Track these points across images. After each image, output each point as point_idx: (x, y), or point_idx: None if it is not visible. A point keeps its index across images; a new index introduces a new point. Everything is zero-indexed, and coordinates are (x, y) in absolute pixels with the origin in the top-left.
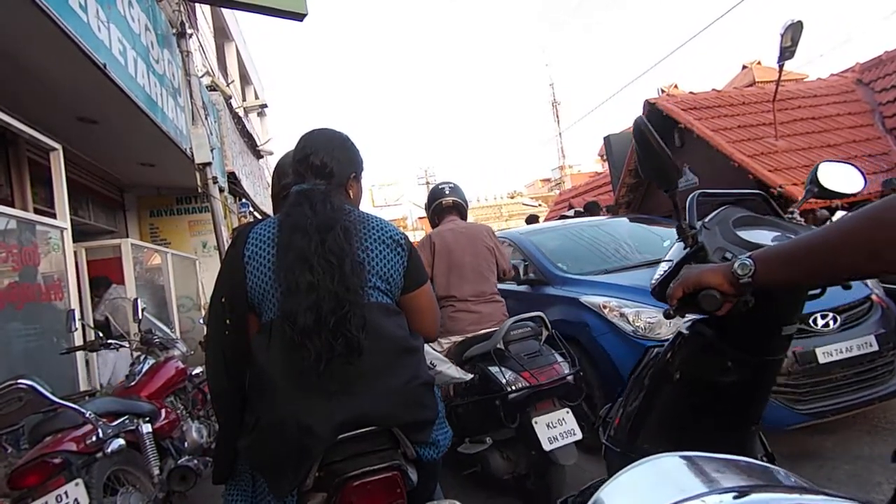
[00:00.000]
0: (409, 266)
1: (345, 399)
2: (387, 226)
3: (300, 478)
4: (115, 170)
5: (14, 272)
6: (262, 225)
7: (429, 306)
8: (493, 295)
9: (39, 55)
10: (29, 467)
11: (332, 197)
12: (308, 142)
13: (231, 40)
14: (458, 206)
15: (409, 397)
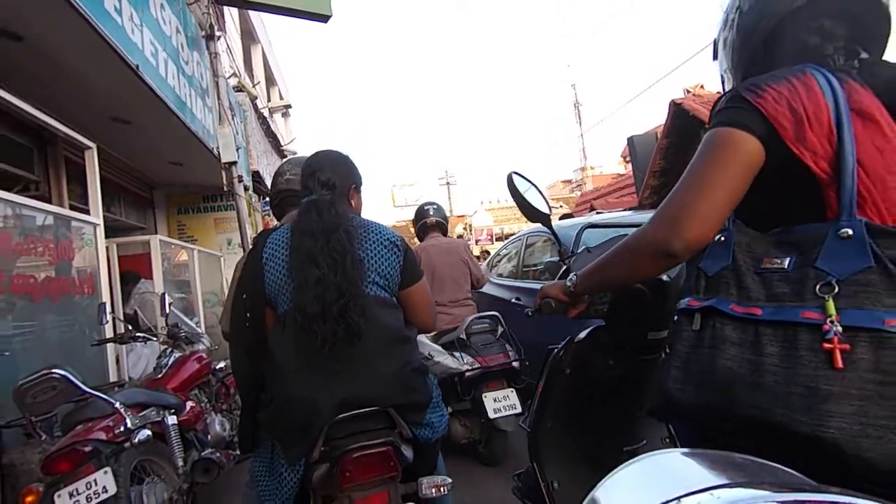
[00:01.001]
0: (404, 264)
1: (345, 379)
2: (384, 229)
3: (307, 447)
4: (145, 168)
5: (50, 266)
6: (278, 231)
7: (424, 300)
8: (465, 300)
9: (76, 57)
10: (61, 454)
11: (336, 205)
12: (314, 161)
13: (257, 43)
14: (439, 224)
15: (401, 381)
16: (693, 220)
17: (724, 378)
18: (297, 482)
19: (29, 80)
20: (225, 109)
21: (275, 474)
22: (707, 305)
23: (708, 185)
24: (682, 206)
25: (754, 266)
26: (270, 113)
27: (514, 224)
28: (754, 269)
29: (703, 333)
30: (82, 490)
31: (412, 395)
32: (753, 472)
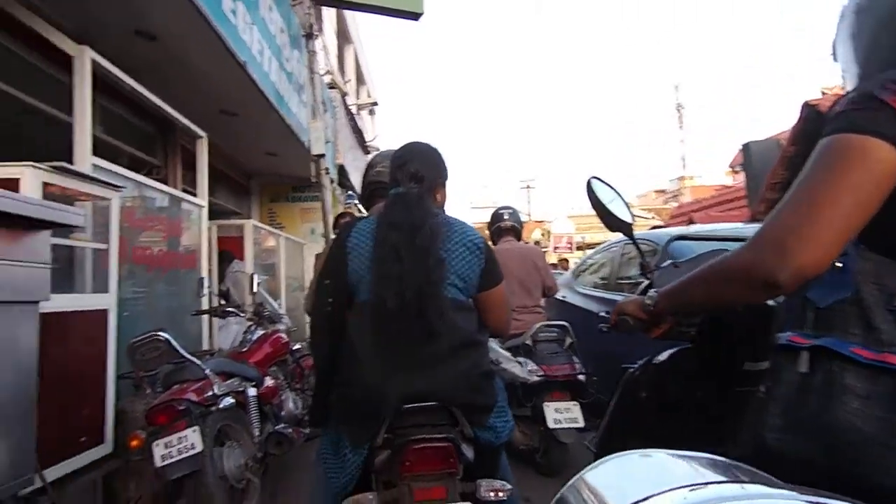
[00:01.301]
0: (485, 267)
1: (414, 374)
2: (468, 230)
3: (371, 434)
4: (245, 158)
5: (163, 241)
6: (364, 221)
7: (501, 304)
8: (535, 307)
9: (196, 54)
10: (160, 408)
11: (424, 201)
12: (405, 152)
13: (350, 43)
14: (514, 228)
15: (467, 382)
16: (805, 244)
17: (843, 435)
18: (360, 464)
19: (157, 76)
20: (318, 104)
21: (340, 454)
22: (818, 345)
23: (825, 201)
24: (791, 227)
25: (885, 302)
26: (358, 110)
27: (597, 233)
28: (885, 304)
29: (813, 378)
30: (175, 443)
31: (478, 397)
32: (732, 473)
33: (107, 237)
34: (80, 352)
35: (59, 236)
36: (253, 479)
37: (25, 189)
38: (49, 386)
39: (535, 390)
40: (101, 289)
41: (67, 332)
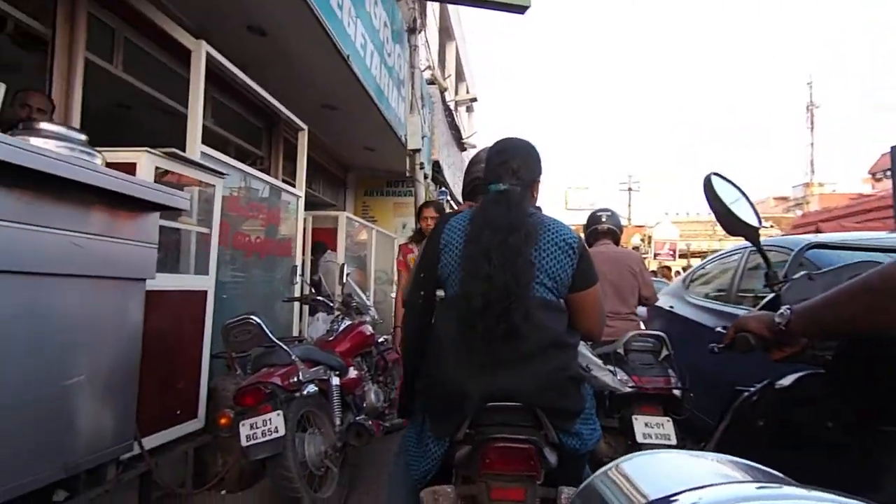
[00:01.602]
0: (578, 268)
1: (497, 374)
2: (561, 229)
3: (453, 427)
4: (343, 152)
5: (262, 228)
6: (457, 217)
7: (594, 306)
8: (628, 314)
9: (302, 48)
10: (248, 390)
11: (524, 201)
12: (506, 147)
13: (453, 39)
14: (611, 232)
15: (553, 385)
16: None
17: None
18: (440, 456)
19: (264, 70)
20: (416, 99)
21: (422, 444)
22: None
23: None
24: None
25: None
26: (456, 106)
27: (703, 241)
28: None
29: None
30: (259, 425)
31: (563, 401)
32: (751, 474)
33: (210, 222)
34: (179, 329)
35: (167, 219)
36: (332, 467)
37: (140, 173)
38: (150, 360)
39: (625, 401)
40: (202, 271)
41: (169, 310)
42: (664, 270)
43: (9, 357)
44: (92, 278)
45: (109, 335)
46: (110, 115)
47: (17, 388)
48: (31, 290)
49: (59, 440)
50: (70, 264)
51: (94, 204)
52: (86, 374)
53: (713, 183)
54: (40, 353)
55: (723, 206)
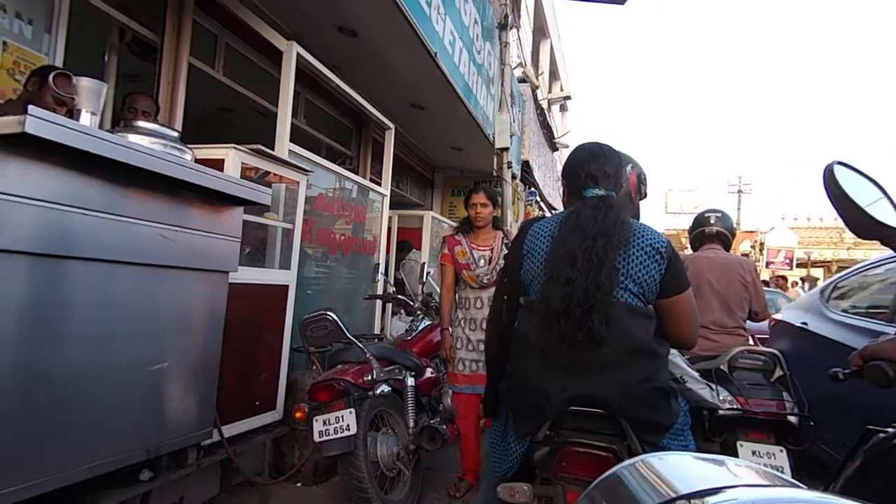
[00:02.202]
0: (666, 273)
1: (579, 378)
2: (650, 233)
3: (534, 428)
4: (430, 152)
5: (347, 226)
6: (542, 222)
7: (686, 313)
8: (735, 328)
9: (391, 47)
10: (321, 386)
11: (622, 211)
12: (601, 151)
13: (547, 38)
14: (721, 235)
15: (638, 395)
16: None
17: None
18: (521, 455)
19: (354, 71)
20: (506, 97)
21: (505, 443)
22: None
23: None
24: None
25: None
26: (549, 105)
27: (826, 249)
28: None
29: None
30: (332, 422)
31: (650, 413)
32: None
33: (293, 218)
34: (260, 322)
35: (251, 213)
36: (404, 469)
37: (228, 169)
38: (231, 351)
39: (729, 424)
40: (285, 266)
41: (251, 303)
42: (779, 281)
43: (102, 341)
44: (178, 269)
45: (193, 325)
46: (214, 118)
47: (107, 371)
48: (121, 279)
49: (143, 423)
50: (158, 255)
51: (182, 198)
52: (170, 361)
53: (836, 174)
54: (129, 340)
55: (849, 202)
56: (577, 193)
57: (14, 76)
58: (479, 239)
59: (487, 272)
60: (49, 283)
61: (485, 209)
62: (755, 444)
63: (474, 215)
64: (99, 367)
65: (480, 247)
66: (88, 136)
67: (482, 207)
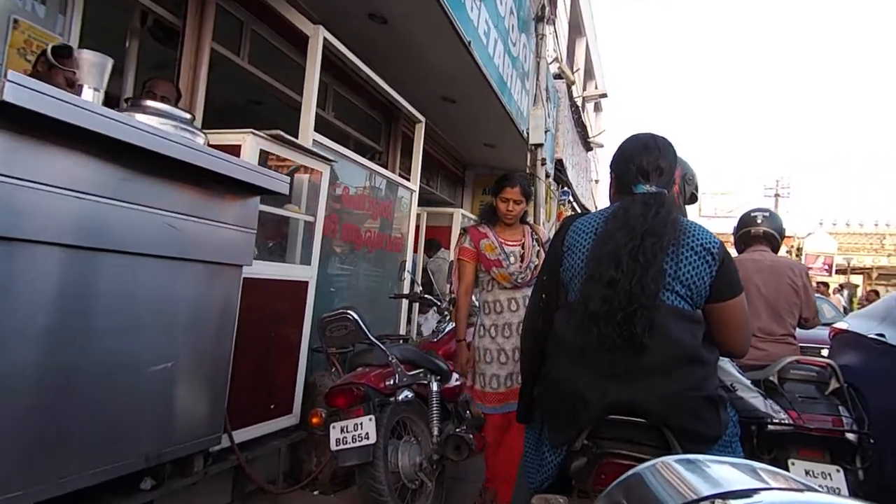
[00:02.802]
0: (717, 276)
1: (620, 385)
2: (702, 233)
3: (571, 436)
4: (462, 149)
5: (373, 221)
6: (585, 218)
7: (738, 320)
8: (785, 336)
9: (423, 35)
10: (339, 390)
11: (673, 211)
12: (656, 144)
13: (583, 36)
14: (769, 236)
15: (684, 404)
16: None
17: None
18: (557, 465)
19: (384, 61)
20: (541, 91)
21: (539, 452)
22: None
23: None
24: None
25: None
26: (584, 103)
27: (865, 256)
28: None
29: None
30: (350, 429)
31: (696, 424)
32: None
33: (315, 210)
34: (277, 320)
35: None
36: (427, 481)
37: (245, 155)
38: (245, 350)
39: (780, 440)
40: (306, 261)
41: (268, 299)
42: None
43: (97, 338)
44: (186, 261)
45: (202, 322)
46: (242, 110)
47: (102, 371)
48: (120, 270)
49: (143, 427)
50: (163, 246)
51: (192, 184)
52: (176, 361)
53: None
54: (129, 337)
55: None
56: (626, 188)
57: (26, 56)
58: (507, 233)
59: (521, 270)
60: (36, 274)
61: (517, 206)
62: (808, 463)
63: (505, 211)
64: (93, 366)
65: (509, 241)
66: (81, 110)
67: (515, 204)
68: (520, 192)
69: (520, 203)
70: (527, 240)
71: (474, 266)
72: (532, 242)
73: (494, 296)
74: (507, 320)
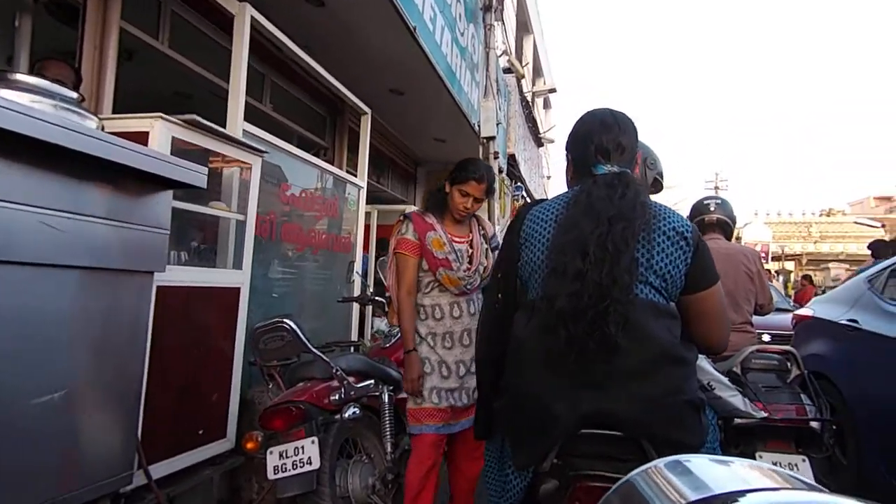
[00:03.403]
0: (693, 263)
1: (593, 392)
2: (673, 217)
3: (537, 455)
4: (413, 144)
5: (316, 220)
6: (543, 205)
7: (716, 311)
8: (743, 324)
9: (364, 20)
10: (276, 410)
11: (641, 192)
12: (614, 120)
13: (530, 33)
14: (722, 224)
15: (665, 411)
16: None
17: None
18: (522, 489)
19: (325, 49)
20: (492, 83)
21: (502, 473)
22: None
23: None
24: None
25: None
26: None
27: (795, 243)
28: None
29: None
30: (290, 454)
31: (678, 433)
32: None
33: (245, 208)
34: (203, 334)
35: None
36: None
37: (154, 143)
38: (164, 369)
39: (746, 433)
40: (237, 265)
41: (190, 310)
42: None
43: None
44: (73, 269)
45: (103, 341)
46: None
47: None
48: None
49: (26, 475)
50: (37, 250)
51: (79, 175)
52: (65, 390)
53: None
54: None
55: None
56: (585, 170)
57: None
58: (454, 228)
59: (469, 274)
60: None
61: (476, 205)
62: (776, 455)
63: (462, 207)
64: None
65: (457, 238)
66: None
67: (475, 202)
68: (485, 189)
69: (480, 201)
70: (475, 236)
71: (417, 262)
72: (480, 239)
73: (433, 299)
74: (448, 328)
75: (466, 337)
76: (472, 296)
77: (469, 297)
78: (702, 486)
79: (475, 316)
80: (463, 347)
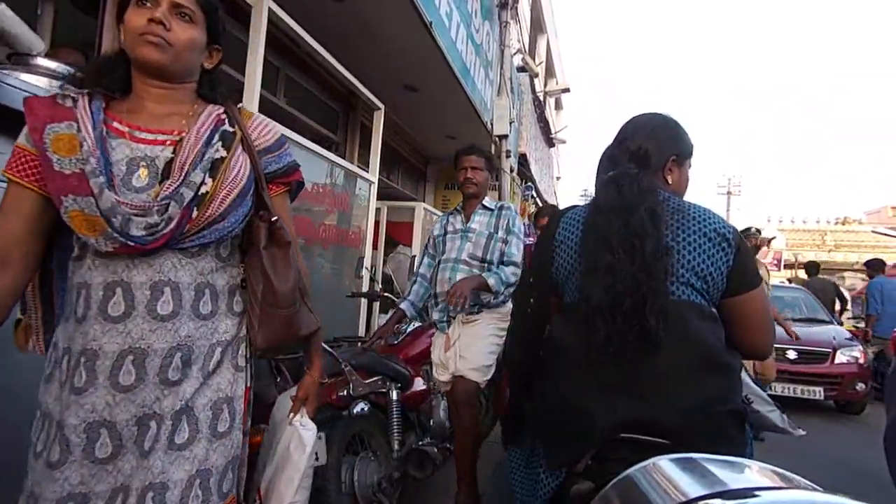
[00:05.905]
0: (735, 265)
1: (631, 396)
2: (711, 217)
3: (571, 457)
4: (424, 141)
5: (327, 214)
6: (574, 210)
7: (760, 313)
8: None
9: (382, 14)
10: None
11: (640, 179)
12: (626, 128)
13: (544, 33)
14: None
15: (708, 422)
16: None
17: None
18: (553, 489)
19: (342, 44)
20: (506, 80)
21: (531, 473)
22: None
23: None
24: None
25: None
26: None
27: (808, 251)
28: None
29: None
30: None
31: (721, 444)
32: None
33: None
34: None
35: None
36: (386, 502)
37: None
38: None
39: None
40: None
41: None
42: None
43: None
44: None
45: None
46: None
47: None
48: None
49: None
50: None
51: None
52: None
53: None
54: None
55: None
56: None
57: None
58: (149, 115)
59: (156, 203)
60: None
61: (477, 173)
62: None
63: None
64: None
65: (142, 130)
66: None
67: (473, 171)
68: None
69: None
70: (192, 134)
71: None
72: (209, 136)
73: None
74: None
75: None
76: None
77: (167, 260)
78: (704, 484)
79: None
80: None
